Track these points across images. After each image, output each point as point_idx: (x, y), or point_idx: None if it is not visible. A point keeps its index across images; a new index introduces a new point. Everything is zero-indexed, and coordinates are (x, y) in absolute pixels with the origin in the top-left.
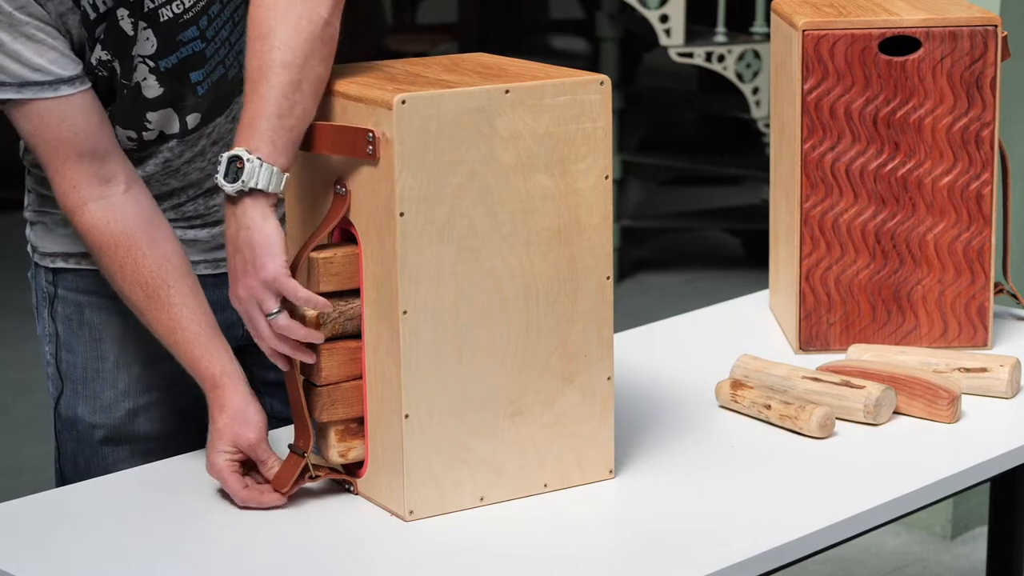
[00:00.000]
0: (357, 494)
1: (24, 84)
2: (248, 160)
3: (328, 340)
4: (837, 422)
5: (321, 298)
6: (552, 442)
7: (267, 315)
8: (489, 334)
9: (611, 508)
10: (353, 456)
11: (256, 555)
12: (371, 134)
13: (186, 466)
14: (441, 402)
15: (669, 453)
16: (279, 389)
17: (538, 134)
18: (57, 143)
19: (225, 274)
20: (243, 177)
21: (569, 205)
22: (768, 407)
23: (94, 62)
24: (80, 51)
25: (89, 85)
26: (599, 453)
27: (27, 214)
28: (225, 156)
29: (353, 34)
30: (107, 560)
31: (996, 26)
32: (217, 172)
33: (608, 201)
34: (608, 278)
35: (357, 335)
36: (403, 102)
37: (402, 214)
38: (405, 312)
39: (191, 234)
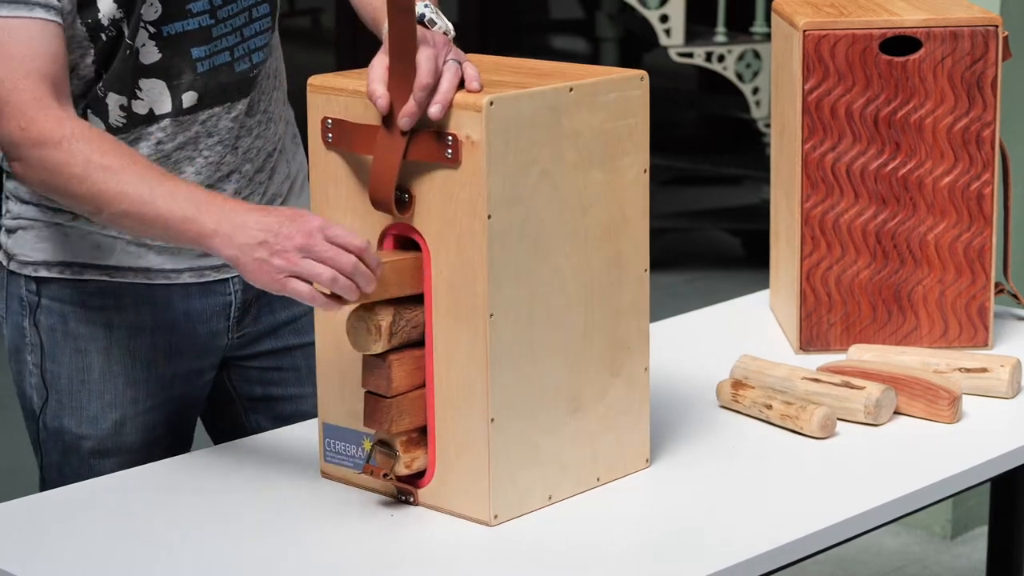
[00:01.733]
0: (417, 504)
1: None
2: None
3: (395, 350)
4: (838, 422)
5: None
6: (603, 435)
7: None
8: (556, 332)
9: (618, 507)
10: (417, 466)
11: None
12: (451, 137)
13: (188, 466)
14: (519, 404)
15: (669, 453)
16: (262, 404)
17: (594, 131)
18: (20, 60)
19: (211, 283)
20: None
21: (616, 200)
22: (769, 407)
23: (105, 21)
24: (65, 3)
25: (62, 23)
26: (638, 442)
27: (5, 221)
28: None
29: (355, 34)
30: (107, 560)
31: (997, 26)
32: (429, 13)
33: (646, 194)
34: (645, 270)
35: (419, 343)
36: (491, 103)
37: (490, 216)
38: (492, 315)
39: None
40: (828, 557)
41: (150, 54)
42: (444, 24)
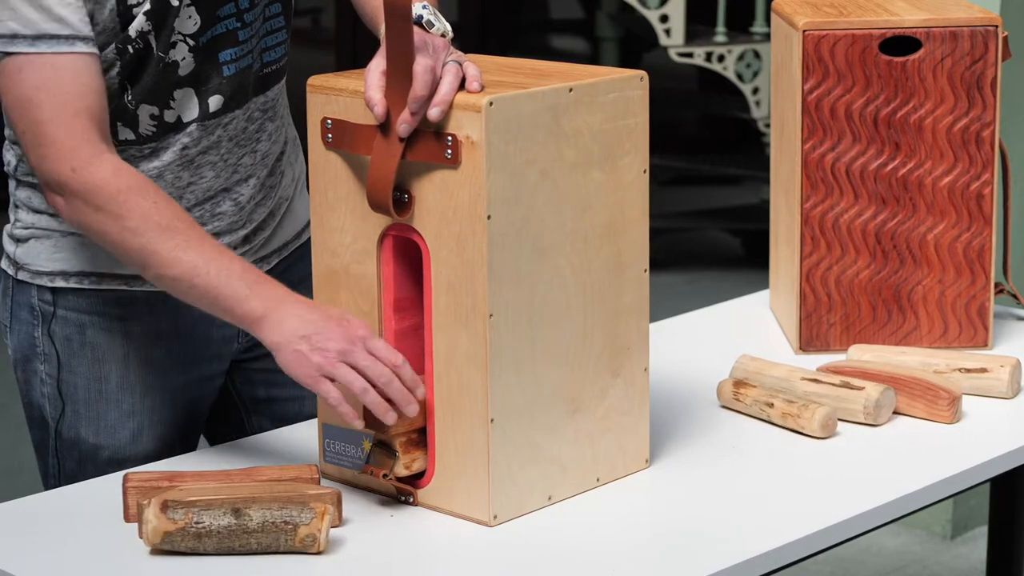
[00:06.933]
0: (416, 505)
1: (39, 37)
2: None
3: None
4: (838, 422)
5: None
6: (603, 436)
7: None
8: (556, 333)
9: (618, 507)
10: (416, 467)
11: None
12: (450, 137)
13: (187, 465)
14: (519, 404)
15: (669, 453)
16: (264, 406)
17: (594, 131)
18: (68, 98)
19: None
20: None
21: (616, 200)
22: (771, 405)
23: (133, 34)
24: (107, 22)
25: (98, 52)
26: (638, 443)
27: (16, 231)
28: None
29: (355, 34)
30: (107, 560)
31: (996, 26)
32: (427, 15)
33: (646, 194)
34: (645, 270)
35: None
36: (491, 104)
37: (489, 217)
38: (491, 316)
39: None
40: (828, 557)
41: (188, 66)
42: (442, 26)
